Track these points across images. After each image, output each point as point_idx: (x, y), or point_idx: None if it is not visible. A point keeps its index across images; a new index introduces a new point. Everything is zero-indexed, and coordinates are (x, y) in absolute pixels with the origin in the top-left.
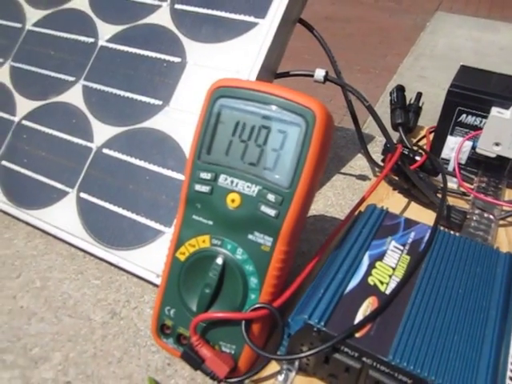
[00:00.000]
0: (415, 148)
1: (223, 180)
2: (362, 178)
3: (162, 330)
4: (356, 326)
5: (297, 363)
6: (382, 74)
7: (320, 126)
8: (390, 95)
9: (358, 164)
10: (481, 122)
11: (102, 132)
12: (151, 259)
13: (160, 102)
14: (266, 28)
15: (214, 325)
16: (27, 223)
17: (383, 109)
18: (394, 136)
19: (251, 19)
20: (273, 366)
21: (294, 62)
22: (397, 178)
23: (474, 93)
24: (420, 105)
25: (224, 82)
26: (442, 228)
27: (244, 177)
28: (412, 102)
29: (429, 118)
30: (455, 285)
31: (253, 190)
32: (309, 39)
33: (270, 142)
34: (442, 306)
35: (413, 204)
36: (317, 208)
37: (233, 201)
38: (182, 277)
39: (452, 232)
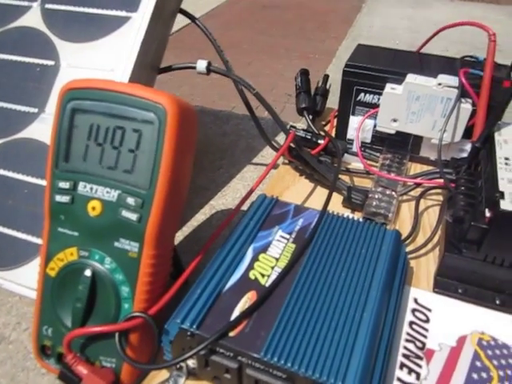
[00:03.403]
0: (321, 132)
1: (82, 187)
2: (273, 166)
3: (43, 350)
4: (230, 325)
5: (185, 368)
6: (322, 58)
7: (172, 120)
8: (295, 80)
9: (270, 152)
10: (378, 99)
11: None
12: (35, 277)
13: (35, 110)
14: (138, 22)
15: (92, 340)
16: None
17: None
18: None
19: (123, 14)
20: (162, 374)
21: (233, 52)
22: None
23: (367, 71)
24: (327, 87)
25: (73, 83)
26: (336, 212)
27: (103, 182)
28: (319, 85)
29: None
30: (338, 269)
31: (112, 195)
32: (248, 29)
33: (126, 143)
34: (321, 293)
35: (319, 188)
36: (225, 202)
37: (93, 208)
38: (54, 293)
39: (347, 214)
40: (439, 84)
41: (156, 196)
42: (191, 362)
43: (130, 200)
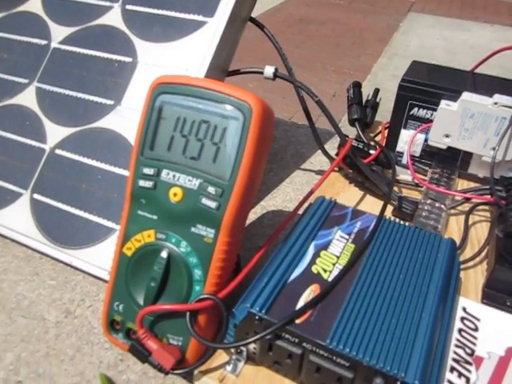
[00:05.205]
0: (371, 142)
1: (165, 175)
2: (321, 173)
3: (112, 325)
4: (296, 313)
5: (245, 352)
6: (357, 74)
7: (256, 118)
8: (347, 92)
9: (318, 160)
10: (432, 114)
11: (55, 133)
12: (104, 257)
13: (112, 102)
14: (214, 26)
15: (161, 317)
16: None
17: None
18: (354, 131)
19: (200, 18)
20: (222, 357)
21: (269, 63)
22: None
23: (423, 86)
24: (377, 100)
25: (164, 78)
26: (392, 218)
27: (185, 171)
28: (369, 98)
29: None
30: (396, 271)
31: (194, 183)
32: (285, 41)
33: (209, 136)
34: (382, 291)
35: (368, 196)
36: (275, 204)
37: (175, 195)
38: (129, 272)
39: (402, 222)
40: (495, 103)
41: (235, 187)
42: (252, 347)
43: (211, 189)
